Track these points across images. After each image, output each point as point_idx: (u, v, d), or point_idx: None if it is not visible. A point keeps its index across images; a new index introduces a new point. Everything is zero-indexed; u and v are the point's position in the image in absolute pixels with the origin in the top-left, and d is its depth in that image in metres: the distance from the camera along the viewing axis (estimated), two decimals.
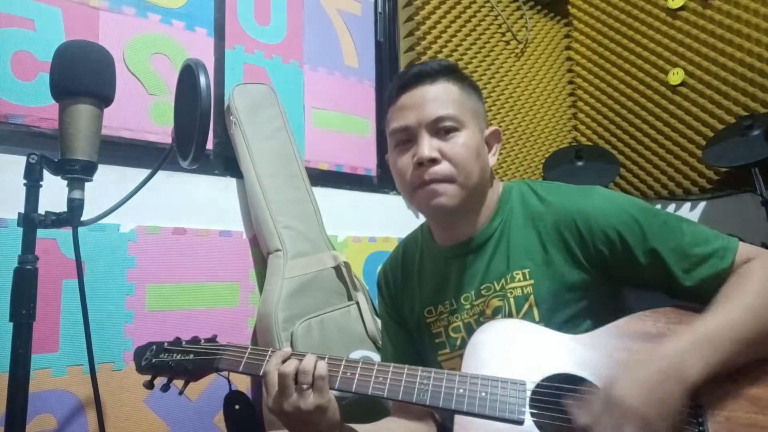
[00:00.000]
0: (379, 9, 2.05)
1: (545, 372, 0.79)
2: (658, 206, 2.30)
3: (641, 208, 0.88)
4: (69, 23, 1.34)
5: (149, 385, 0.92)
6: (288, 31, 1.76)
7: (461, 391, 0.77)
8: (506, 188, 1.00)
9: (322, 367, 0.80)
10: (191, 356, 0.90)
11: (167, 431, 1.34)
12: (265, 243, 1.52)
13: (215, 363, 0.88)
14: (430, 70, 0.94)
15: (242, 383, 1.47)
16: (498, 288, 0.93)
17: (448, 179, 0.90)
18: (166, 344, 0.94)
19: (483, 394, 0.77)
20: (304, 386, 0.78)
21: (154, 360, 0.92)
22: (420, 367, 0.81)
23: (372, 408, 1.44)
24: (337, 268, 1.56)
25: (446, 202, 0.90)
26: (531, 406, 0.76)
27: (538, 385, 0.78)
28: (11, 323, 0.82)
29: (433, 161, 0.89)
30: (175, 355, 0.91)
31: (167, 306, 1.38)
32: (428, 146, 0.89)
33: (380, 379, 0.80)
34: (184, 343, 0.94)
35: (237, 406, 1.03)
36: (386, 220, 1.93)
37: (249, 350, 0.87)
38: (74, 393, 1.22)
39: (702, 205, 2.19)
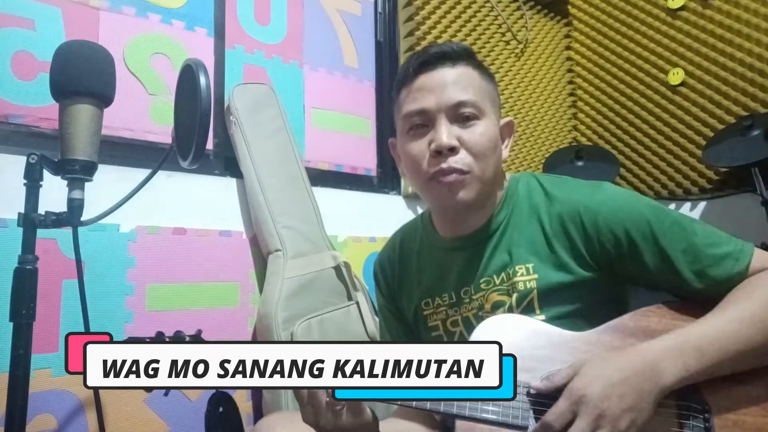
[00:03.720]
0: (379, 9, 2.05)
1: (546, 371, 0.78)
2: None
3: (651, 207, 0.84)
4: (69, 23, 1.34)
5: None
6: (288, 31, 1.76)
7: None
8: (513, 180, 0.96)
9: None
10: None
11: (167, 431, 1.34)
12: (265, 243, 1.52)
13: None
14: (451, 51, 0.89)
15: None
16: (498, 282, 0.90)
17: (466, 170, 0.85)
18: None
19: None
20: (338, 407, 0.72)
21: None
22: None
23: None
24: (337, 268, 1.56)
25: (464, 197, 0.86)
26: (531, 406, 0.75)
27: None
28: (11, 323, 0.82)
29: (452, 150, 0.84)
30: None
31: (167, 306, 1.38)
32: (447, 133, 0.84)
33: None
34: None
35: (221, 409, 0.99)
36: (386, 220, 1.93)
37: None
38: (74, 393, 1.22)
39: (702, 205, 2.19)
